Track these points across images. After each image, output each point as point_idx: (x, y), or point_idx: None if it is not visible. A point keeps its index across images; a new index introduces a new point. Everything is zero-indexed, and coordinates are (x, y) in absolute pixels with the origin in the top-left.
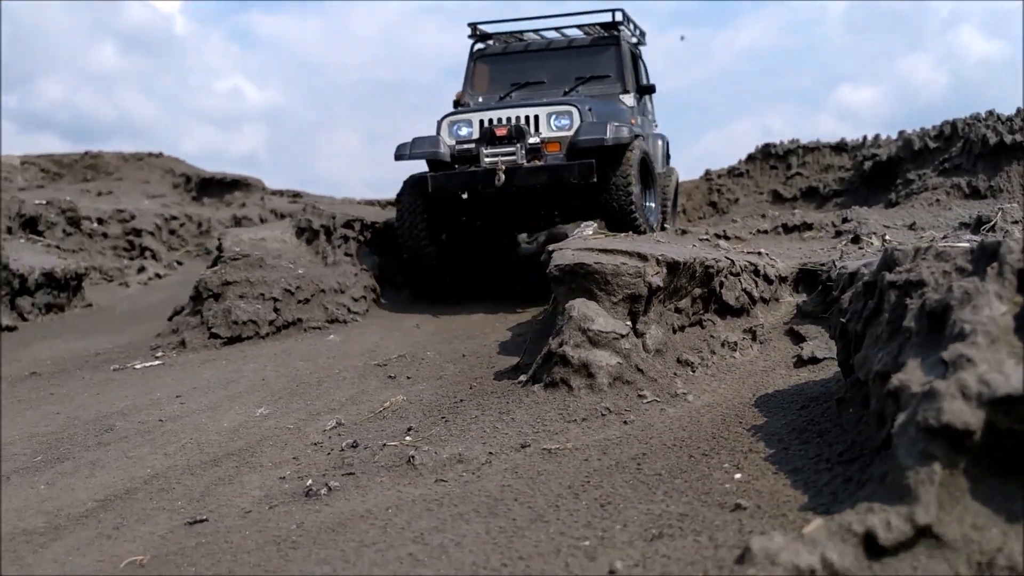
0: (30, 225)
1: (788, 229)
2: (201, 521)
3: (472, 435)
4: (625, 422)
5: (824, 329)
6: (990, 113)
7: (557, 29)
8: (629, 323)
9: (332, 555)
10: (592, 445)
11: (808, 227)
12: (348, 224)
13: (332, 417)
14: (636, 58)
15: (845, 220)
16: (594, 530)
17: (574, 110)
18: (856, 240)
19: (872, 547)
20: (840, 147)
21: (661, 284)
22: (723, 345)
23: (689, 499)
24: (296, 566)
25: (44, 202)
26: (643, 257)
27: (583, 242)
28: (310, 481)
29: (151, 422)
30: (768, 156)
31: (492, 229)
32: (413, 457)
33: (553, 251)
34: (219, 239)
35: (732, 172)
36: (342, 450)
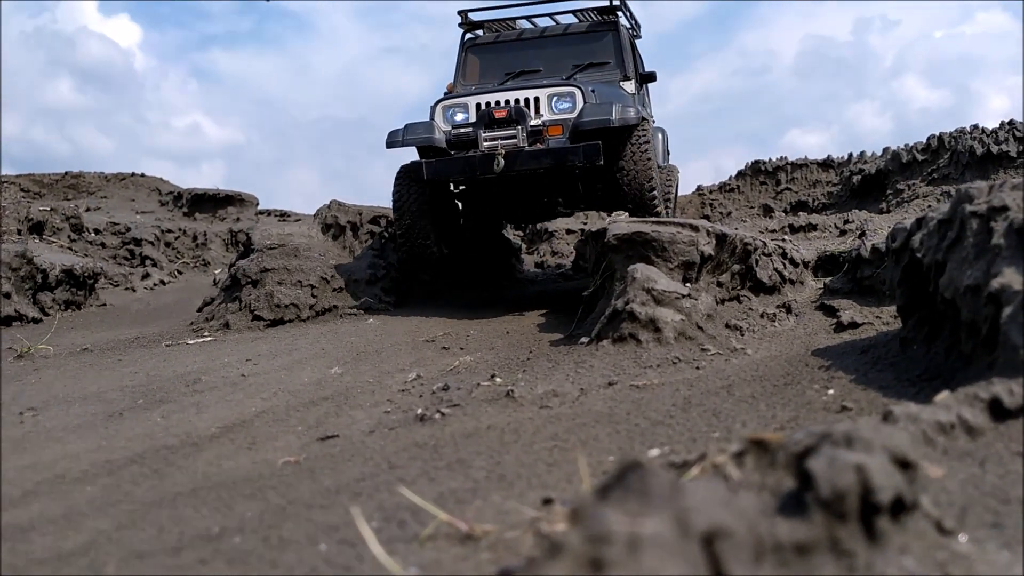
0: (37, 230)
1: (794, 229)
2: (332, 437)
3: (557, 378)
4: (697, 367)
5: (854, 302)
6: (975, 127)
7: (551, 16)
8: (688, 285)
9: (480, 450)
10: (676, 382)
11: (813, 227)
12: (374, 220)
13: (408, 373)
14: (634, 47)
15: (847, 221)
16: (717, 428)
17: (577, 91)
18: (863, 235)
19: (997, 410)
20: (827, 163)
21: (712, 253)
22: (762, 316)
23: (793, 408)
24: (450, 457)
25: (49, 208)
26: (694, 228)
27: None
28: (420, 410)
29: (233, 377)
30: (758, 172)
31: (492, 219)
32: (512, 391)
33: (608, 225)
34: (247, 233)
35: (723, 188)
36: (434, 392)
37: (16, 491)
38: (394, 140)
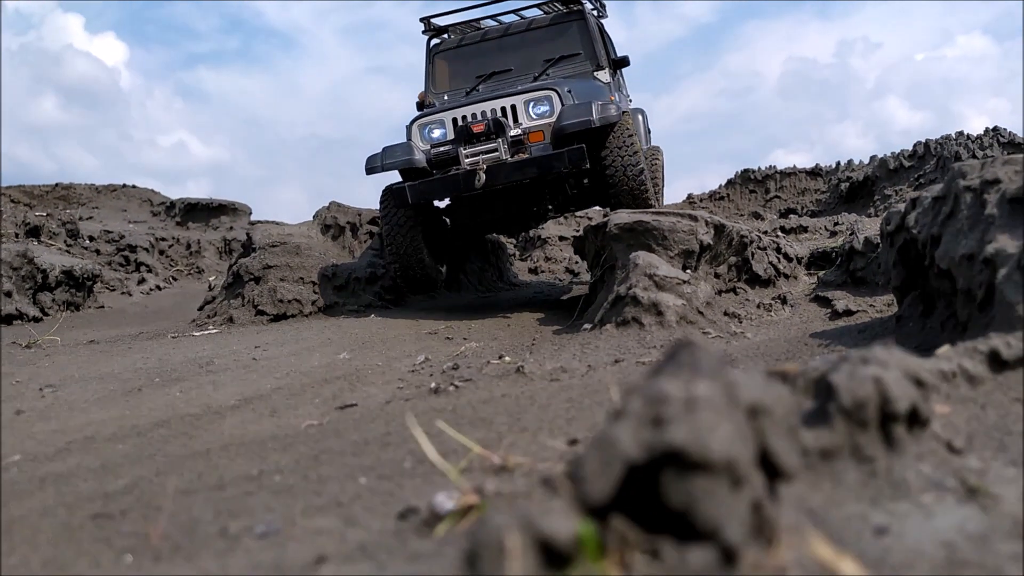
0: (33, 234)
1: (786, 231)
2: (351, 406)
3: (564, 357)
4: None
5: (848, 293)
6: (960, 133)
7: (515, 12)
8: (688, 272)
9: (499, 410)
10: None
11: (804, 229)
12: (373, 221)
13: (416, 357)
14: (602, 31)
15: (836, 223)
16: None
17: (553, 94)
18: (853, 235)
19: (996, 362)
20: (815, 172)
21: (710, 242)
22: (758, 306)
23: None
24: (471, 416)
25: (46, 214)
26: (694, 218)
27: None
28: (433, 384)
29: (245, 360)
30: (747, 181)
31: (483, 231)
32: (522, 367)
33: (610, 216)
34: (248, 233)
35: (713, 196)
36: (444, 371)
37: (49, 449)
38: (373, 166)
